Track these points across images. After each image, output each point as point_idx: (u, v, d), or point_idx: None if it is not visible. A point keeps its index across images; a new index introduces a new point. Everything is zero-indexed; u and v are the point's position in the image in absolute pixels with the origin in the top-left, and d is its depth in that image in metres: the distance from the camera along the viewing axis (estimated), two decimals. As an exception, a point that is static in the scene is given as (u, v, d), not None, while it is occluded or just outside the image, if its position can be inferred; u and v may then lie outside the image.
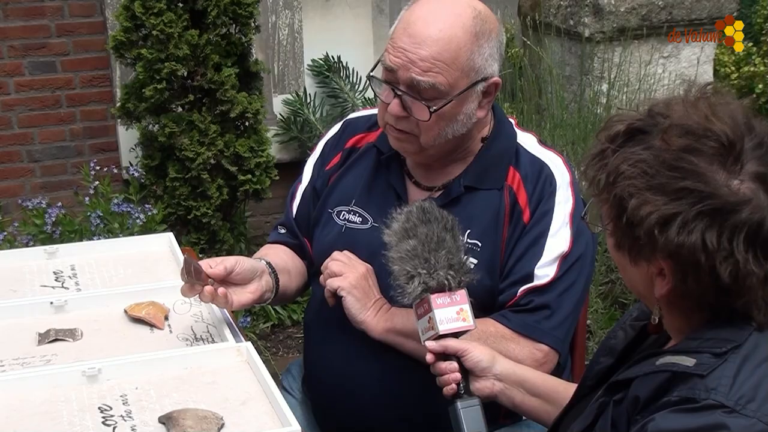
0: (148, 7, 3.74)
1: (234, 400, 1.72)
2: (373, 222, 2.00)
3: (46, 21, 4.51)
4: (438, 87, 1.82)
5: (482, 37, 1.84)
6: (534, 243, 1.88)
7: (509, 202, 1.91)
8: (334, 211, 2.07)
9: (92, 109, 4.66)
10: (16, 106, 4.56)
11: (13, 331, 1.99)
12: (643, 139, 1.30)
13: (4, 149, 4.58)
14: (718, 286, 1.24)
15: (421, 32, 1.82)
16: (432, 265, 1.65)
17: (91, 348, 1.92)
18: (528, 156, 1.96)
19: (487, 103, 1.91)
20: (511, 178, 1.94)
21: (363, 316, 1.90)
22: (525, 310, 1.86)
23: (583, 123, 4.16)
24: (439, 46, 1.81)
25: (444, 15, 1.84)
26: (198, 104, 3.91)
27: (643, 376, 1.31)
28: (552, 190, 1.91)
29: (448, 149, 1.95)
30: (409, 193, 2.01)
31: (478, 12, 1.86)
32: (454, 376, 1.65)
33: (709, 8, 4.52)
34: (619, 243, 1.34)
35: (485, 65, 1.86)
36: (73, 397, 1.73)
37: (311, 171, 2.19)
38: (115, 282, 2.22)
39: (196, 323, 2.03)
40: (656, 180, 1.25)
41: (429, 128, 1.87)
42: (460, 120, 1.88)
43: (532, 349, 1.85)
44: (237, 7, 3.86)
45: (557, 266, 1.87)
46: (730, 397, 1.19)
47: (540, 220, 1.89)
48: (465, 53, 1.82)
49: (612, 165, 1.31)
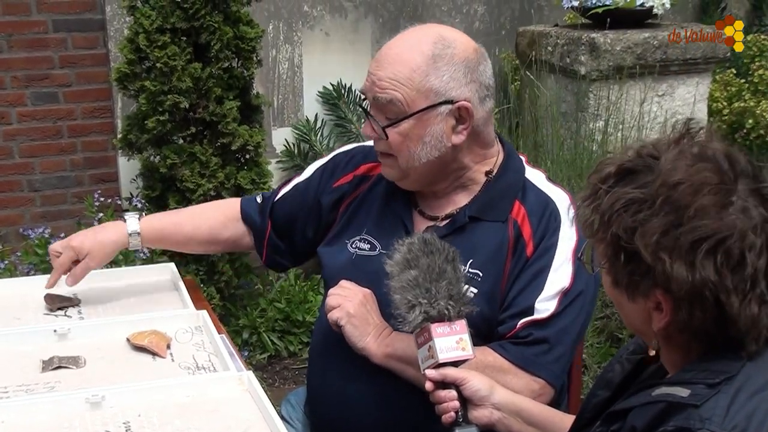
0: (152, 40, 3.76)
1: (236, 428, 1.72)
2: (381, 249, 2.02)
3: (49, 52, 4.54)
4: (395, 103, 1.88)
5: (440, 60, 1.88)
6: (536, 277, 1.89)
7: (513, 234, 1.92)
8: (350, 241, 2.09)
9: (93, 140, 4.68)
10: (18, 135, 4.58)
11: (18, 358, 1.99)
12: (633, 179, 1.32)
13: (5, 178, 4.60)
14: (721, 316, 1.26)
15: (383, 56, 1.92)
16: (433, 295, 1.66)
17: (95, 375, 1.93)
18: (535, 191, 1.98)
19: (463, 129, 1.92)
20: (516, 211, 1.95)
21: (363, 343, 1.91)
22: (524, 342, 1.86)
23: (579, 159, 4.17)
24: (394, 66, 1.88)
25: (405, 41, 1.93)
26: (200, 136, 3.92)
27: (639, 407, 1.32)
28: (557, 226, 1.92)
29: (435, 174, 1.96)
30: (415, 223, 2.03)
31: (442, 38, 1.90)
32: (452, 404, 1.65)
33: (704, 49, 4.56)
34: (616, 280, 1.35)
35: (447, 88, 1.88)
36: (77, 424, 1.73)
37: (312, 171, 2.22)
38: (117, 311, 2.23)
39: (197, 352, 2.05)
40: (652, 217, 1.27)
41: (398, 148, 1.91)
42: (428, 142, 1.90)
43: (530, 381, 1.85)
44: (240, 41, 3.89)
45: (558, 301, 1.88)
46: (724, 426, 1.20)
47: (543, 254, 1.90)
48: (420, 73, 1.87)
49: (606, 204, 1.32)
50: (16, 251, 4.10)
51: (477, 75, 1.92)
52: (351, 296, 1.93)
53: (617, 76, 4.39)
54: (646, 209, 1.27)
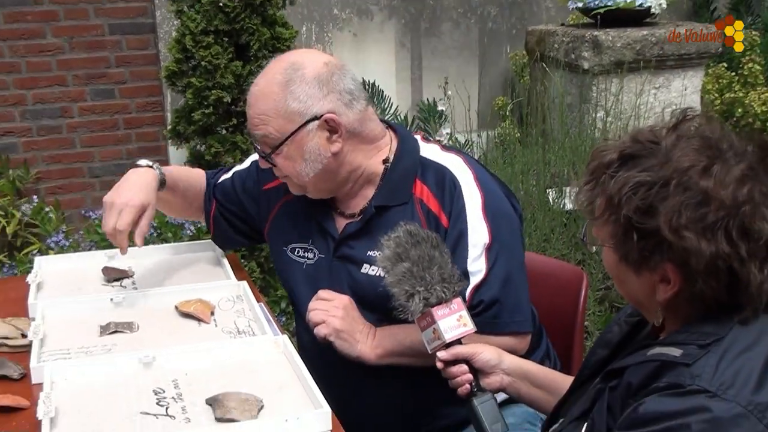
0: (197, 41, 3.77)
1: (272, 385, 1.73)
2: (318, 253, 2.02)
3: (106, 53, 4.57)
4: (268, 136, 1.87)
5: (293, 84, 1.85)
6: (458, 243, 1.85)
7: (422, 211, 1.89)
8: (287, 248, 2.07)
9: (146, 131, 4.71)
10: (79, 128, 4.61)
11: (78, 323, 2.01)
12: (637, 163, 1.30)
13: (68, 166, 4.64)
14: (732, 284, 1.25)
15: (250, 96, 1.91)
16: (428, 282, 1.63)
17: (146, 339, 1.94)
18: (432, 165, 1.93)
19: (337, 137, 1.88)
20: (419, 190, 1.91)
21: (356, 353, 1.88)
22: (480, 312, 1.83)
23: (582, 146, 4.15)
24: (258, 102, 1.88)
25: (263, 77, 1.91)
26: (240, 127, 3.93)
27: (635, 365, 1.31)
28: (459, 192, 1.87)
29: (329, 183, 1.94)
30: (336, 223, 2.00)
31: (291, 63, 1.88)
32: (466, 377, 1.64)
33: (697, 45, 4.52)
34: (625, 257, 1.32)
35: (306, 107, 1.85)
36: (131, 382, 1.75)
37: (250, 163, 2.20)
38: (167, 282, 2.24)
39: (238, 318, 2.05)
40: (669, 198, 1.25)
41: (287, 170, 1.91)
42: (309, 158, 1.88)
43: (503, 340, 1.83)
44: (276, 41, 3.89)
45: (485, 258, 1.84)
46: (713, 383, 1.19)
47: (456, 221, 1.86)
48: (278, 102, 1.85)
49: (613, 188, 1.30)
50: (78, 230, 4.14)
51: (333, 86, 1.87)
52: (333, 310, 1.88)
53: (618, 70, 4.37)
54: (657, 191, 1.25)
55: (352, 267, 1.94)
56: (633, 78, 4.41)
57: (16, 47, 4.46)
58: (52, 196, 4.56)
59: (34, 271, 2.29)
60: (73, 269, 2.35)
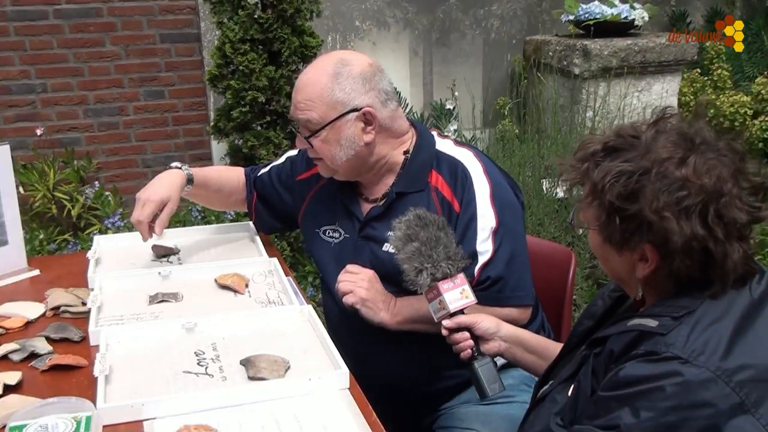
0: (236, 48, 3.77)
1: (297, 348, 1.73)
2: (344, 234, 2.01)
3: (157, 59, 4.57)
4: (311, 120, 1.86)
5: (341, 77, 1.85)
6: (468, 227, 1.84)
7: (437, 198, 1.88)
8: (319, 230, 2.07)
9: (191, 128, 4.71)
10: (134, 124, 4.62)
11: (130, 293, 2.02)
12: (619, 155, 1.28)
13: (124, 158, 4.65)
14: (707, 262, 1.23)
15: (298, 83, 1.90)
16: (434, 260, 1.63)
17: (189, 307, 1.95)
18: (446, 158, 1.92)
19: (371, 129, 1.88)
20: (434, 179, 1.90)
21: (378, 319, 1.86)
22: (487, 287, 1.83)
23: (573, 142, 4.12)
24: (306, 89, 1.87)
25: (313, 67, 1.90)
26: (273, 124, 3.93)
27: (617, 334, 1.30)
28: (470, 182, 1.87)
29: (358, 168, 1.93)
30: (361, 207, 2.00)
31: (341, 59, 1.88)
32: (468, 343, 1.63)
33: (675, 53, 4.48)
34: (608, 238, 1.31)
35: (349, 98, 1.85)
36: (175, 344, 1.75)
37: (284, 159, 2.21)
38: (208, 258, 2.24)
39: (269, 290, 2.05)
40: (649, 185, 1.23)
41: (323, 152, 1.89)
42: (344, 144, 1.87)
43: (508, 312, 1.83)
44: (304, 49, 3.88)
45: (492, 240, 1.84)
46: (685, 351, 1.18)
47: (467, 207, 1.85)
48: (326, 90, 1.84)
49: (597, 176, 1.28)
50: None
51: (374, 84, 1.88)
52: (359, 282, 1.87)
53: (605, 75, 4.34)
54: (638, 179, 1.24)
55: (374, 245, 1.93)
56: (618, 82, 4.38)
57: (80, 54, 4.47)
58: (110, 184, 4.57)
59: (93, 248, 2.30)
60: (127, 247, 2.35)
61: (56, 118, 4.51)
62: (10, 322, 1.87)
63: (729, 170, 1.24)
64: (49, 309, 1.94)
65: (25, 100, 4.44)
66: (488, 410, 1.91)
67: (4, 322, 1.87)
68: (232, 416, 1.49)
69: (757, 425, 1.15)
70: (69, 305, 1.94)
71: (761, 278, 1.29)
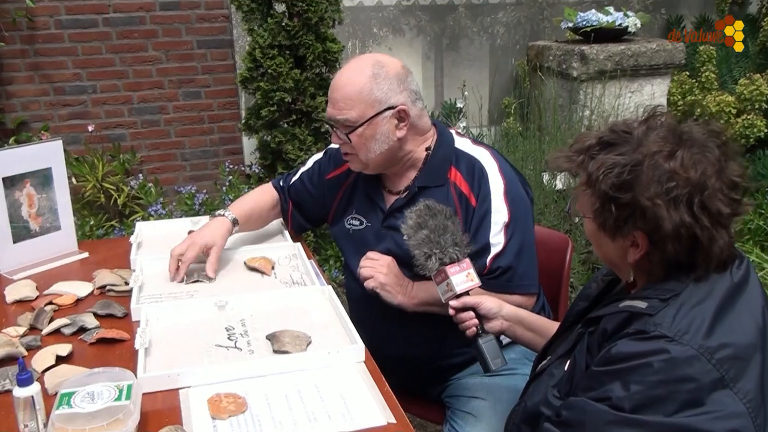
0: (265, 53, 3.76)
1: (318, 325, 1.73)
2: (366, 223, 1.99)
3: (194, 63, 4.56)
4: (350, 119, 1.83)
5: (379, 77, 1.82)
6: (483, 220, 1.83)
7: (456, 193, 1.86)
8: (345, 220, 2.05)
9: (225, 125, 4.71)
10: (173, 122, 4.63)
11: (169, 274, 2.01)
12: (613, 149, 1.26)
13: (165, 152, 4.66)
14: (693, 248, 1.21)
15: (335, 84, 1.86)
16: (442, 246, 1.61)
17: (221, 287, 1.95)
18: (464, 156, 1.90)
19: (404, 126, 1.86)
20: (453, 175, 1.88)
21: (396, 301, 1.86)
22: (497, 275, 1.82)
23: (571, 138, 4.07)
24: (346, 90, 1.83)
25: (351, 69, 1.86)
26: (299, 122, 3.92)
27: (609, 315, 1.28)
28: (486, 179, 1.85)
29: (388, 161, 1.91)
30: (385, 199, 1.98)
31: (377, 61, 1.85)
32: (473, 321, 1.62)
33: (664, 57, 4.42)
34: (603, 225, 1.29)
35: (386, 97, 1.83)
36: (208, 320, 1.76)
37: (312, 164, 2.18)
38: (238, 243, 2.24)
39: (293, 272, 2.05)
40: (642, 176, 1.21)
41: (359, 146, 1.86)
42: (380, 139, 1.85)
43: (515, 299, 1.82)
44: (327, 54, 3.87)
45: (504, 233, 1.82)
46: (671, 330, 1.16)
47: (483, 202, 1.83)
48: (366, 90, 1.82)
49: (592, 168, 1.26)
50: (172, 202, 4.16)
51: (407, 84, 1.86)
52: (379, 267, 1.86)
53: (601, 77, 4.29)
54: (630, 170, 1.22)
55: (396, 234, 1.92)
56: (613, 84, 4.33)
57: (125, 58, 4.47)
58: (152, 175, 4.58)
59: (135, 233, 2.30)
60: (165, 232, 2.36)
61: (104, 116, 4.52)
62: (62, 300, 1.88)
63: (713, 166, 1.22)
64: (96, 288, 1.95)
65: (78, 100, 4.46)
66: (493, 381, 1.90)
67: (57, 300, 1.88)
68: (259, 386, 1.49)
69: (735, 399, 1.14)
70: (114, 284, 1.95)
71: (741, 263, 1.27)
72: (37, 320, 1.76)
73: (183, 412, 1.42)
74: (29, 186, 2.10)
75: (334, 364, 1.56)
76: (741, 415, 1.13)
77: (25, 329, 1.73)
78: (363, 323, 1.75)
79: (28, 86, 4.36)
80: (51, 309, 1.83)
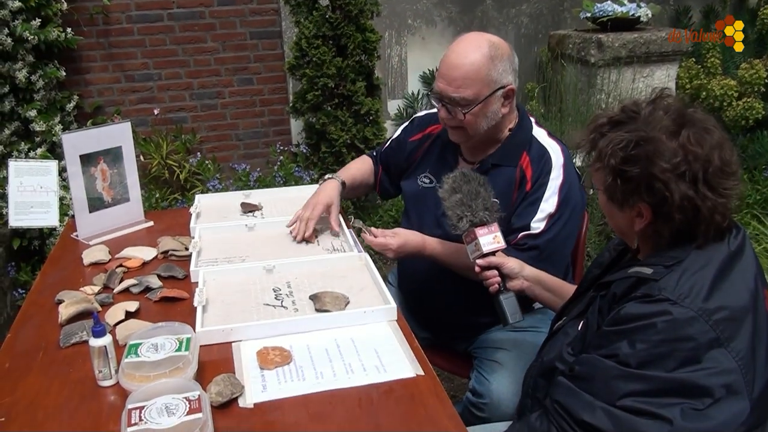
0: (310, 43, 3.75)
1: (356, 287, 1.73)
2: (437, 183, 1.96)
3: (247, 52, 4.56)
4: (467, 98, 1.76)
5: (496, 59, 1.76)
6: (532, 204, 1.79)
7: (519, 176, 1.82)
8: (418, 178, 2.02)
9: (274, 108, 4.71)
10: (229, 106, 4.64)
11: (223, 241, 2.04)
12: (622, 126, 1.24)
13: (222, 132, 4.68)
14: (695, 217, 1.19)
15: (452, 62, 1.77)
16: (474, 209, 1.60)
17: (269, 252, 1.96)
18: (537, 144, 1.85)
19: (508, 103, 1.82)
20: (524, 159, 1.84)
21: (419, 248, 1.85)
22: (522, 248, 1.78)
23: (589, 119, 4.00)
24: (465, 69, 1.75)
25: (467, 48, 1.77)
26: (341, 105, 3.91)
27: (619, 280, 1.26)
28: (549, 169, 1.80)
29: (485, 135, 1.87)
30: (459, 165, 1.94)
31: (492, 43, 1.78)
32: (496, 279, 1.61)
33: (673, 45, 4.31)
34: (611, 197, 1.27)
35: (500, 77, 1.77)
36: (257, 282, 1.77)
37: (401, 131, 2.15)
38: (286, 213, 2.24)
39: (334, 240, 2.05)
40: (642, 150, 1.18)
41: (470, 123, 1.81)
42: (489, 116, 1.80)
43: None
44: (366, 43, 3.84)
45: (546, 222, 1.78)
46: (674, 294, 1.14)
47: (537, 189, 1.79)
48: (484, 70, 1.75)
49: (603, 144, 1.24)
50: (228, 178, 4.20)
51: (514, 65, 1.81)
52: (388, 239, 1.83)
53: (616, 63, 4.19)
54: (636, 145, 1.19)
55: None
56: (627, 69, 4.22)
57: (187, 49, 4.49)
58: (210, 154, 4.62)
59: (195, 204, 2.33)
60: (221, 204, 2.37)
61: (168, 101, 4.56)
62: (131, 263, 1.92)
63: (714, 145, 1.19)
64: (160, 253, 1.98)
65: (145, 87, 4.50)
66: (519, 336, 1.89)
67: (126, 263, 1.92)
68: (302, 340, 1.51)
69: (729, 356, 1.13)
70: (175, 250, 1.97)
71: (737, 233, 1.25)
72: (110, 280, 1.80)
73: (235, 362, 1.44)
74: (103, 162, 2.13)
75: (370, 322, 1.57)
76: (733, 371, 1.12)
77: (99, 288, 1.77)
78: (404, 283, 1.77)
79: (103, 74, 4.42)
80: (121, 271, 1.86)
